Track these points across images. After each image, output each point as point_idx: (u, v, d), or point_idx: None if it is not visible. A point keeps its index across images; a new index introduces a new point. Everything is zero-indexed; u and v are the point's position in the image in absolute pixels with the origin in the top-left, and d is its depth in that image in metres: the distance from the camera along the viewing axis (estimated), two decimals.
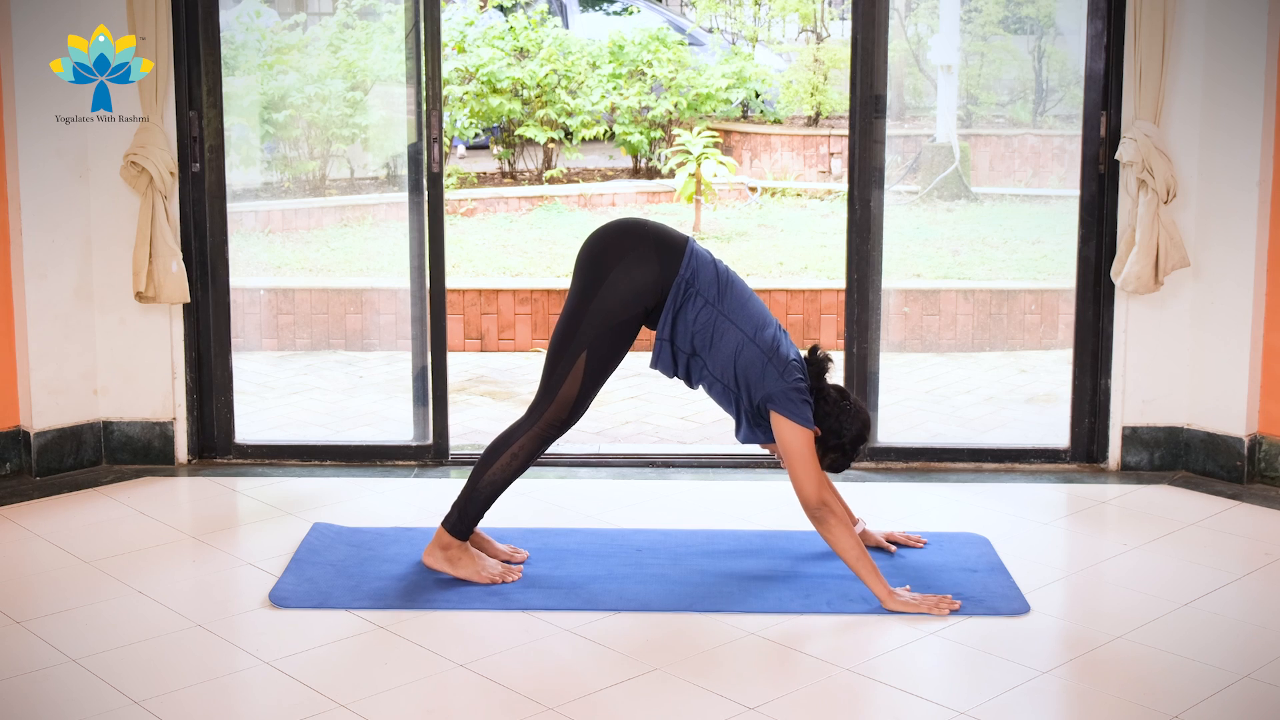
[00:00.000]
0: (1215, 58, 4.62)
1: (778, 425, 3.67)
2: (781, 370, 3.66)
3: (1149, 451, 4.88)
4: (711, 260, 3.75)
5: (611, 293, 3.67)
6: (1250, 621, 3.63)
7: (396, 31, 9.14)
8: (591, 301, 3.68)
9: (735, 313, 3.68)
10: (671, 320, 3.69)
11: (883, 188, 4.88)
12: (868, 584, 3.67)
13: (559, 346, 3.72)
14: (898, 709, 3.18)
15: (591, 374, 3.71)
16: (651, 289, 3.68)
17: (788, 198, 11.01)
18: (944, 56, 10.10)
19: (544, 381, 3.75)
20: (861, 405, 3.82)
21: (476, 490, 3.79)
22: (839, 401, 3.76)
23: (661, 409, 6.11)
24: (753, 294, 3.78)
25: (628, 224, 3.80)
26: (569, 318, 3.72)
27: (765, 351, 3.66)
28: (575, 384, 3.70)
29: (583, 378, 3.70)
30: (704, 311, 3.67)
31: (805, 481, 3.66)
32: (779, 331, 3.74)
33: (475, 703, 3.20)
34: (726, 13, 13.56)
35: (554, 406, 3.72)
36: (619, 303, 3.67)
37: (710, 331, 3.67)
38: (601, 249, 3.74)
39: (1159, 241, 4.62)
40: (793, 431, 3.65)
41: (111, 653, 3.41)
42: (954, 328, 7.48)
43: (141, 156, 4.64)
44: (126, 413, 4.91)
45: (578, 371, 3.69)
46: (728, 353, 3.67)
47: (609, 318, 3.68)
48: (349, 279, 8.17)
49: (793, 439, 3.66)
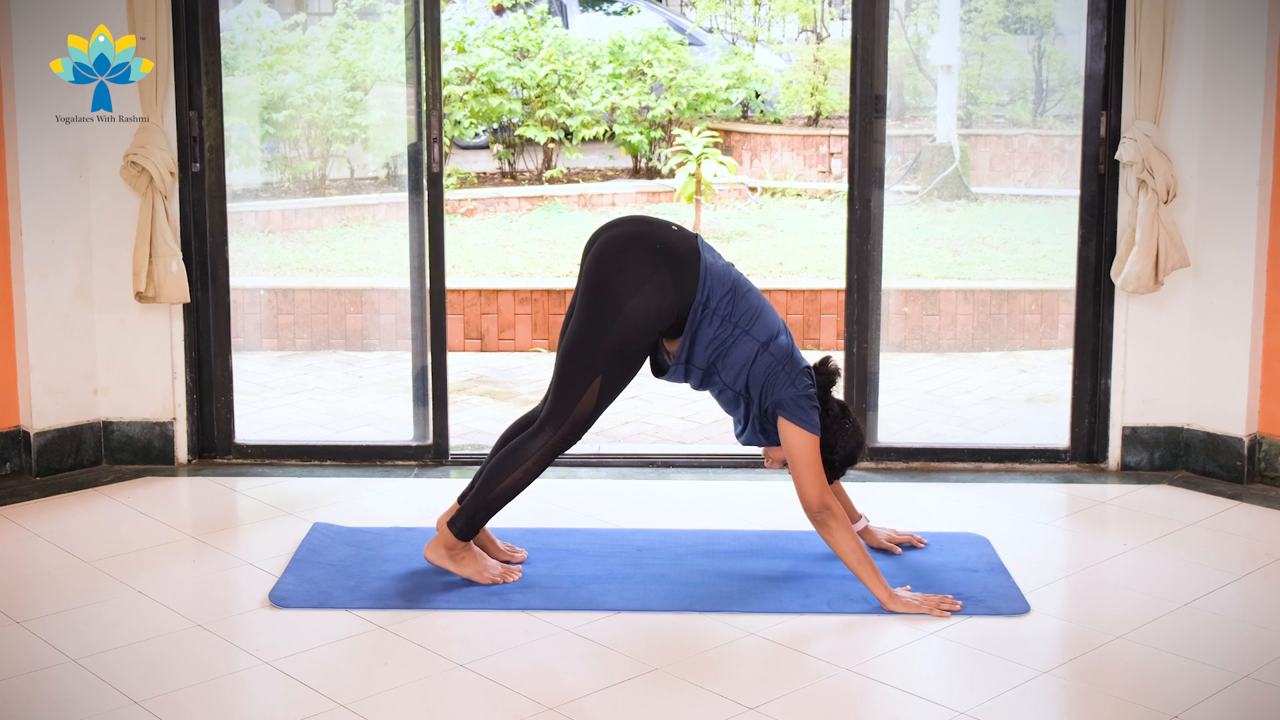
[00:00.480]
0: (1215, 58, 4.62)
1: (785, 430, 3.66)
2: (793, 378, 3.65)
3: (1149, 451, 4.88)
4: (723, 269, 3.70)
5: (626, 323, 3.62)
6: (1250, 621, 3.63)
7: (396, 31, 9.14)
8: (606, 331, 3.62)
9: (749, 323, 3.67)
10: (690, 345, 3.68)
11: (883, 188, 4.88)
12: (869, 586, 3.67)
13: (571, 365, 3.67)
14: (898, 709, 3.18)
15: (606, 394, 3.69)
16: (668, 315, 3.65)
17: (788, 198, 11.01)
18: (944, 56, 10.10)
19: (556, 394, 3.71)
20: (859, 426, 3.83)
21: (488, 501, 3.77)
22: (840, 418, 3.77)
23: (661, 409, 6.11)
24: (763, 299, 3.74)
25: (638, 234, 3.69)
26: (581, 337, 3.66)
27: (778, 359, 3.66)
28: (589, 404, 3.68)
29: (597, 399, 3.68)
30: (720, 328, 3.65)
31: (809, 485, 3.66)
32: (789, 337, 3.74)
33: (475, 703, 3.20)
34: (726, 13, 13.56)
35: (569, 423, 3.69)
36: (635, 333, 3.63)
37: (725, 344, 3.66)
38: (615, 269, 3.64)
39: (1159, 241, 4.62)
40: (800, 437, 3.65)
41: (111, 653, 3.41)
42: (954, 328, 7.48)
43: (141, 156, 4.64)
44: (126, 413, 4.91)
45: (592, 394, 3.67)
46: (740, 363, 3.66)
47: (625, 346, 3.65)
48: (349, 279, 8.17)
49: (800, 444, 3.66)
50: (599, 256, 3.68)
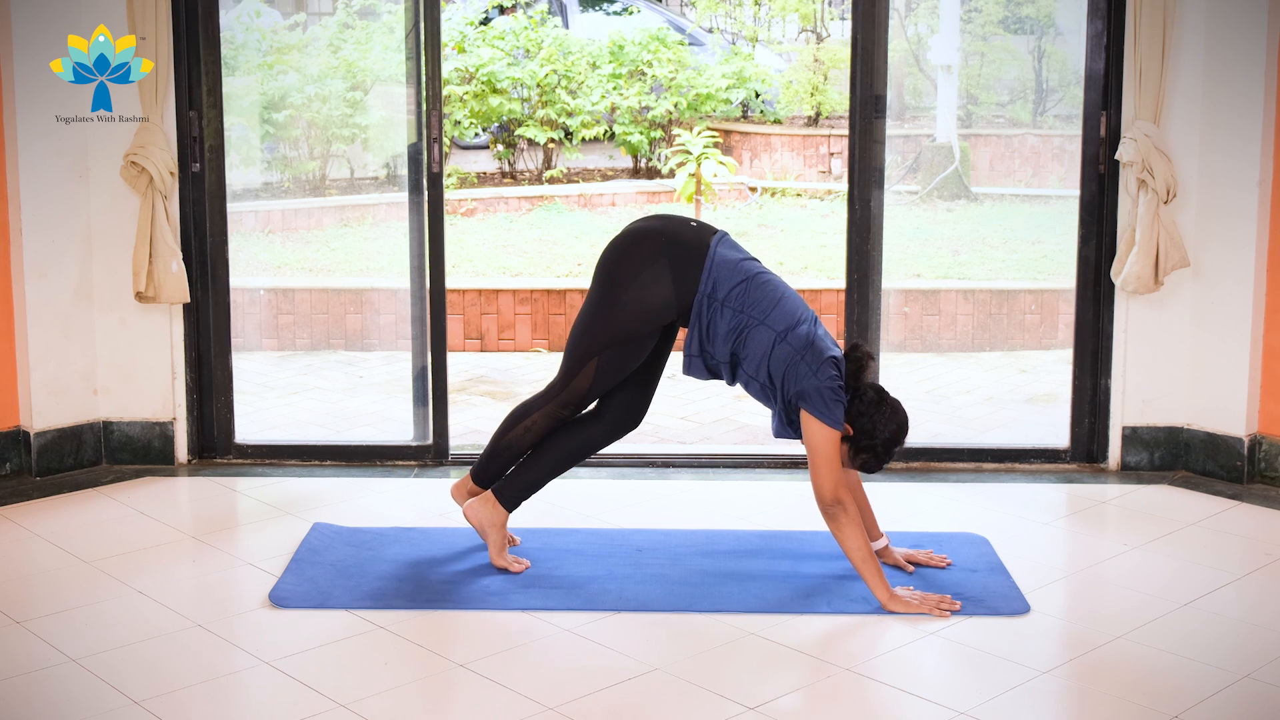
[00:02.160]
0: (1215, 58, 4.62)
1: (805, 422, 3.67)
2: (816, 368, 3.63)
3: (1149, 451, 4.88)
4: (734, 262, 3.72)
5: (623, 314, 3.74)
6: (1250, 621, 3.63)
7: (396, 31, 9.14)
8: (603, 318, 3.77)
9: (765, 313, 3.67)
10: (700, 335, 3.72)
11: (883, 188, 4.88)
12: (870, 585, 3.67)
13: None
14: (898, 709, 3.18)
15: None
16: (667, 309, 3.73)
17: (788, 198, 11.01)
18: (944, 56, 10.10)
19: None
20: (899, 406, 3.75)
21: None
22: (875, 402, 3.71)
23: (661, 409, 6.11)
24: (786, 289, 3.74)
25: (645, 230, 3.81)
26: (584, 322, 3.82)
27: (798, 349, 3.64)
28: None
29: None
30: (734, 319, 3.68)
31: (823, 479, 3.66)
32: (814, 326, 3.71)
33: (475, 703, 3.20)
34: (726, 13, 13.55)
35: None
36: (631, 322, 3.75)
37: (742, 335, 3.68)
38: (617, 260, 3.79)
39: (1159, 241, 4.62)
40: (818, 429, 3.65)
41: (111, 653, 3.41)
42: (954, 328, 7.48)
43: (141, 156, 4.64)
44: (126, 413, 4.91)
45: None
46: (760, 353, 3.67)
47: (619, 334, 3.76)
48: (349, 279, 8.16)
49: (818, 437, 3.65)
50: (611, 246, 3.85)
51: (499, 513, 3.92)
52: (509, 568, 3.90)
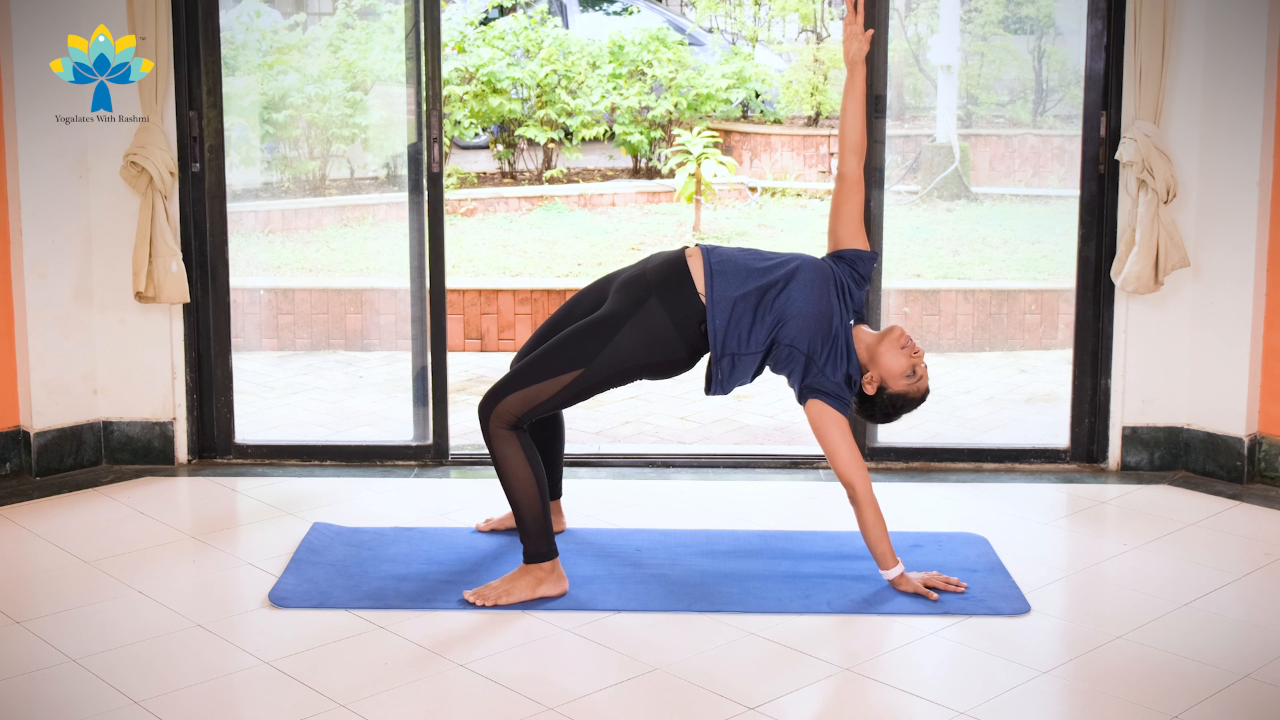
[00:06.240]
0: (1215, 58, 4.62)
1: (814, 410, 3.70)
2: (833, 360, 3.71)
3: (1149, 451, 4.88)
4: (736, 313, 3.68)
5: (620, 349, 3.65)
6: (1250, 621, 3.63)
7: (396, 31, 9.14)
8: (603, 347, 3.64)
9: (788, 335, 3.69)
10: (727, 383, 3.71)
11: (883, 188, 4.88)
12: (879, 560, 3.72)
13: (556, 347, 3.66)
14: (898, 709, 3.18)
15: (568, 397, 3.66)
16: (667, 339, 3.68)
17: (788, 198, 11.02)
18: (944, 56, 10.10)
19: (521, 365, 3.70)
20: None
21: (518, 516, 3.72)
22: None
23: (661, 409, 6.11)
24: (793, 295, 3.77)
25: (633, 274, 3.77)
26: (581, 334, 3.66)
27: (809, 355, 3.69)
28: (546, 393, 3.64)
29: (558, 393, 3.64)
30: (752, 361, 3.70)
31: (843, 464, 3.68)
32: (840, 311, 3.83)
33: (475, 703, 3.20)
34: (726, 13, 13.56)
35: (513, 398, 3.63)
36: (636, 348, 3.66)
37: (762, 363, 3.74)
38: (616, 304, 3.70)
39: (1159, 241, 4.62)
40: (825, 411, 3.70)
41: (111, 653, 3.41)
42: (954, 328, 7.48)
43: (141, 156, 4.64)
44: (126, 413, 4.91)
45: (559, 383, 3.64)
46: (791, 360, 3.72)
47: (617, 364, 3.66)
48: (349, 279, 8.17)
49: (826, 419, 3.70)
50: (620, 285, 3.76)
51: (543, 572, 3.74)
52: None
